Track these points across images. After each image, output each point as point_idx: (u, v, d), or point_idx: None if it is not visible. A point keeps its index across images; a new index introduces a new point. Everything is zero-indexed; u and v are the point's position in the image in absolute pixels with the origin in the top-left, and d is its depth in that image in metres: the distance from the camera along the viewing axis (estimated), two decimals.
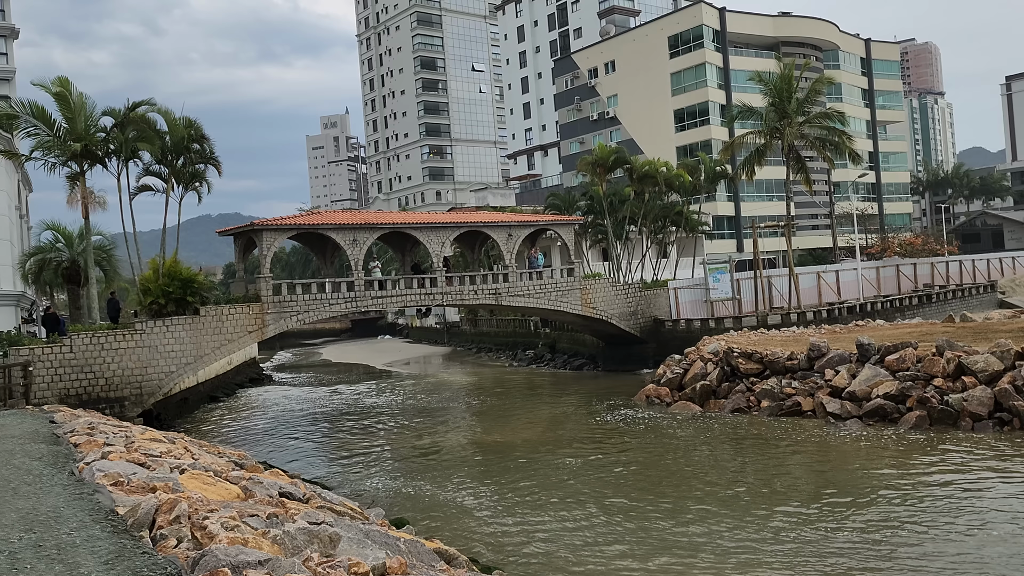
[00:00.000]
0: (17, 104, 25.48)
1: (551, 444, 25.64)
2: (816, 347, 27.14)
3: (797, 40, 72.96)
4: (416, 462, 24.33)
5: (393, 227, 33.21)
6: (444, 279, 34.12)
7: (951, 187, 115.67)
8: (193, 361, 28.02)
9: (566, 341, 49.90)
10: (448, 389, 43.77)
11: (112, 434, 14.92)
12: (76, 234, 32.78)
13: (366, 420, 33.41)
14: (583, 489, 19.03)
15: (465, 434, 28.53)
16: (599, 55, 77.12)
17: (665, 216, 46.02)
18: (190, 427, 33.56)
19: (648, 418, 28.15)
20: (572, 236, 39.20)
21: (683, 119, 68.87)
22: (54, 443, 14.31)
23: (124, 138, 26.65)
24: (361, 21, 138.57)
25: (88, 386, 25.87)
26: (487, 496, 18.86)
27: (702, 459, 21.51)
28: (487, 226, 36.24)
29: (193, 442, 17.23)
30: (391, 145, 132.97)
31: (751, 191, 69.78)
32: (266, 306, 29.57)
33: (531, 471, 21.74)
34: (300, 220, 31.82)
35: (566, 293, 37.87)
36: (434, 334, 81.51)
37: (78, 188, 27.06)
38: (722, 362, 29.79)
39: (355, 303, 31.73)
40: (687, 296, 42.52)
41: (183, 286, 27.38)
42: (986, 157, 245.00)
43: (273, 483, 11.90)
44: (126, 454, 11.73)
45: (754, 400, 27.40)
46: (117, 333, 26.45)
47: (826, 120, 45.51)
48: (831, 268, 47.71)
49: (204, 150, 28.66)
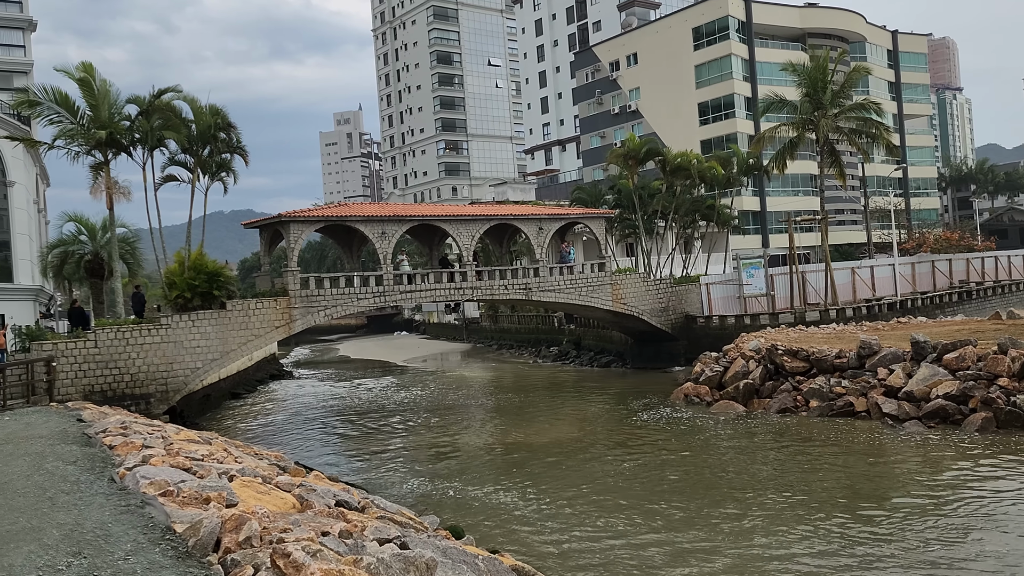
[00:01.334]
0: (39, 91, 24.64)
1: (590, 444, 24.66)
2: (867, 344, 25.99)
3: (823, 32, 71.47)
4: (450, 461, 23.39)
5: (423, 219, 32.23)
6: (474, 273, 33.12)
7: (975, 183, 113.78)
8: (219, 357, 27.15)
9: (592, 338, 48.84)
10: (472, 386, 42.84)
11: (147, 435, 14.01)
12: (99, 226, 31.97)
13: (392, 417, 32.51)
14: (635, 494, 18.02)
15: (496, 432, 27.54)
16: (621, 47, 75.86)
17: (695, 210, 44.82)
18: (214, 424, 32.74)
19: (689, 418, 27.09)
20: (603, 230, 38.15)
21: (707, 112, 67.56)
22: (86, 444, 13.41)
23: (149, 126, 25.76)
24: (376, 16, 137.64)
25: (113, 382, 25.04)
26: (534, 499, 17.88)
27: (757, 463, 20.41)
28: (518, 219, 35.22)
29: (230, 443, 16.31)
30: (407, 140, 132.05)
31: (776, 185, 68.43)
32: (293, 300, 28.66)
33: (574, 473, 20.74)
34: (328, 212, 30.87)
35: (597, 288, 36.81)
36: (452, 331, 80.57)
37: (102, 178, 26.20)
38: (765, 360, 28.70)
39: (384, 298, 30.79)
40: (719, 292, 41.37)
41: (209, 279, 26.51)
42: (1002, 154, 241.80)
43: (327, 490, 10.95)
44: (168, 458, 10.79)
45: (801, 400, 26.30)
46: (143, 328, 25.60)
47: (861, 111, 44.21)
48: (866, 264, 46.42)
49: (230, 139, 27.73)
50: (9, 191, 45.33)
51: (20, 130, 47.50)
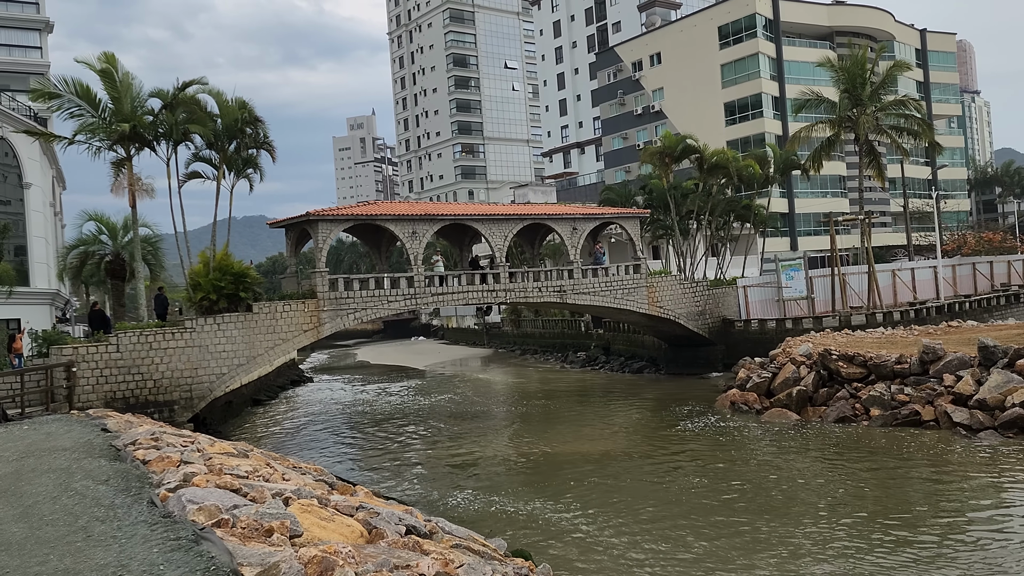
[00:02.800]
0: (59, 82, 23.53)
1: (639, 455, 23.23)
2: (931, 349, 24.46)
3: (851, 30, 69.89)
4: (491, 473, 22.04)
5: (455, 219, 30.94)
6: (507, 275, 31.80)
7: (1000, 185, 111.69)
8: (246, 362, 25.91)
9: (622, 342, 47.39)
10: (500, 392, 41.50)
11: (181, 447, 12.73)
12: (120, 226, 30.85)
13: (420, 425, 31.21)
14: (702, 511, 16.61)
15: (534, 441, 26.11)
16: (644, 47, 74.52)
17: (731, 210, 43.34)
18: (238, 432, 31.53)
19: (739, 427, 25.62)
20: (638, 230, 36.75)
21: (734, 112, 66.10)
22: (115, 459, 12.14)
23: (174, 119, 24.58)
24: (392, 19, 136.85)
25: (136, 389, 23.83)
26: (591, 517, 16.49)
27: (827, 477, 18.89)
28: (551, 218, 33.89)
29: (268, 455, 15.01)
30: (422, 144, 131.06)
31: (804, 187, 66.85)
32: (322, 303, 27.40)
33: (628, 487, 19.34)
34: (358, 210, 29.63)
35: (632, 291, 35.41)
36: (472, 336, 79.26)
37: (124, 174, 25.05)
38: (817, 365, 27.20)
39: (415, 300, 29.50)
40: (757, 295, 39.88)
41: (235, 281, 25.29)
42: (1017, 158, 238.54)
43: (391, 514, 9.61)
44: (212, 476, 9.48)
45: (860, 408, 24.79)
46: (166, 331, 24.39)
47: (903, 108, 42.71)
48: (907, 266, 44.83)
49: (257, 134, 26.53)
50: (26, 193, 44.40)
51: (37, 130, 46.69)
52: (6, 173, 44.03)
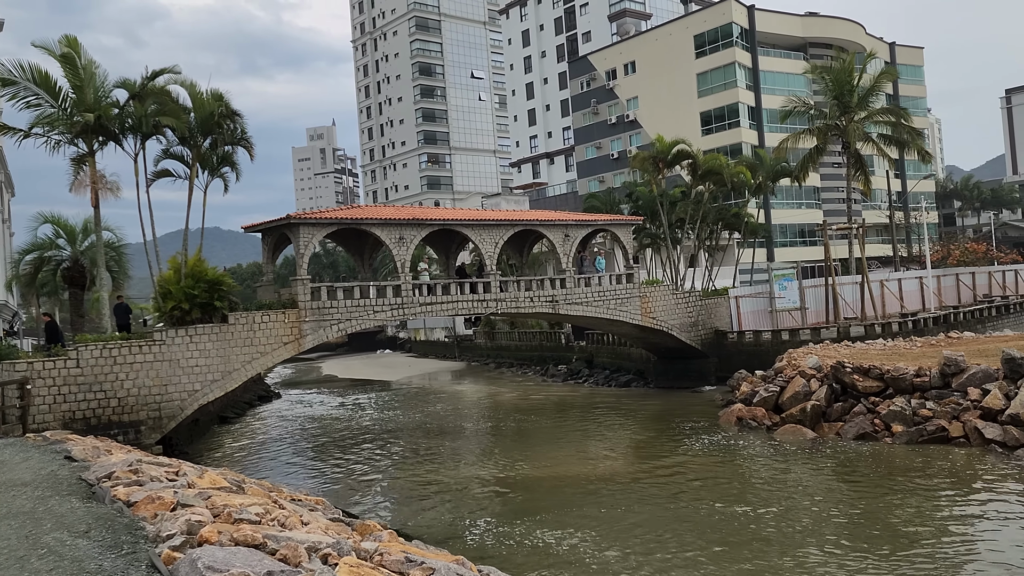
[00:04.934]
0: (15, 67, 21.17)
1: (645, 477, 21.54)
2: (952, 361, 23.32)
3: (824, 41, 69.92)
4: (494, 498, 20.19)
5: (444, 224, 29.09)
6: (499, 284, 30.03)
7: (960, 199, 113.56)
8: (221, 378, 23.69)
9: (606, 355, 45.85)
10: (482, 407, 39.59)
11: (168, 480, 10.68)
12: (80, 229, 28.30)
13: (405, 444, 29.18)
14: (731, 541, 15.00)
15: (530, 462, 24.24)
16: (618, 56, 73.66)
17: (720, 219, 42.21)
18: (208, 454, 29.16)
19: (751, 445, 24.15)
20: (631, 238, 35.30)
21: (710, 121, 65.42)
22: (89, 497, 10.06)
23: (143, 111, 22.34)
24: (356, 27, 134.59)
25: (98, 408, 21.45)
26: (612, 548, 14.78)
27: (862, 502, 17.35)
28: (543, 224, 32.25)
29: (262, 485, 12.99)
30: (387, 154, 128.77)
31: (779, 198, 66.41)
32: (303, 313, 25.30)
33: (641, 511, 17.64)
34: (343, 213, 27.58)
35: (625, 301, 33.91)
36: (441, 348, 77.10)
37: (85, 171, 22.71)
38: (829, 379, 25.92)
39: (402, 310, 27.54)
40: (748, 306, 38.72)
41: (210, 289, 23.09)
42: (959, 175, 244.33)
43: (447, 568, 7.77)
44: (224, 525, 7.54)
45: (880, 424, 23.48)
46: (132, 344, 22.07)
47: (890, 116, 42.09)
48: (894, 276, 44.17)
49: (234, 129, 24.38)
50: None
51: None
52: None
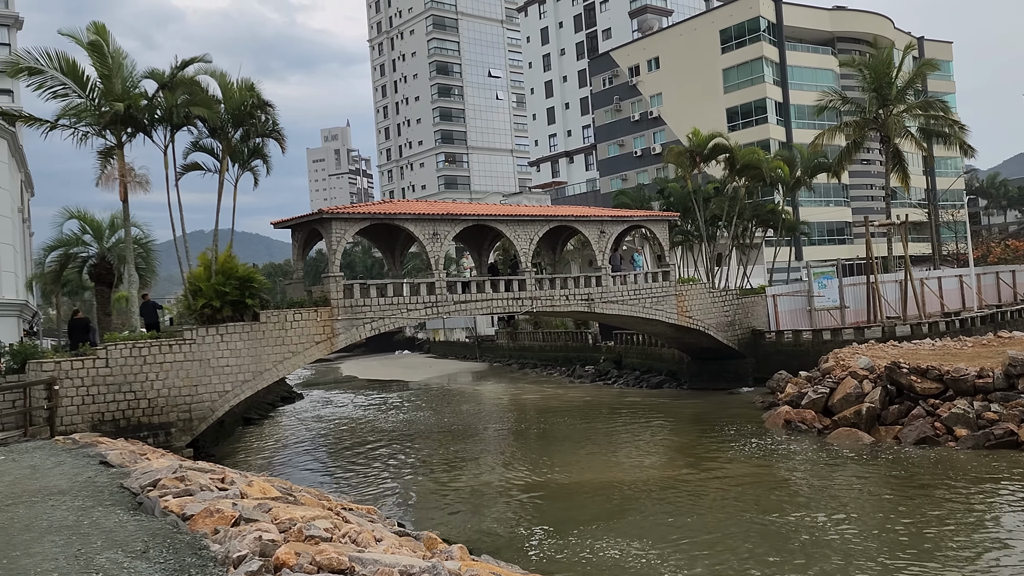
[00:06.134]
0: (42, 56, 20.37)
1: (696, 483, 20.47)
2: (1019, 362, 22.18)
3: (852, 36, 68.57)
4: (543, 504, 19.21)
5: (479, 219, 28.14)
6: (534, 281, 29.07)
7: (987, 197, 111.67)
8: (252, 378, 22.87)
9: (635, 355, 44.78)
10: (512, 408, 38.61)
11: (217, 489, 9.78)
12: (106, 225, 27.54)
13: (433, 446, 28.22)
14: (802, 551, 13.96)
15: (570, 466, 23.23)
16: (641, 52, 72.52)
17: (756, 215, 41.06)
18: (234, 456, 28.35)
19: (804, 450, 23.04)
20: (666, 234, 34.25)
21: (736, 118, 64.15)
22: (135, 508, 9.17)
23: (173, 101, 21.53)
24: (373, 26, 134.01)
25: (127, 409, 20.65)
26: (675, 560, 13.79)
27: (935, 513, 16.26)
28: (579, 220, 31.25)
29: (314, 494, 12.08)
30: (404, 153, 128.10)
31: (806, 196, 65.00)
32: (336, 311, 24.42)
33: (698, 520, 16.60)
34: (375, 208, 26.68)
35: (661, 300, 32.87)
36: (461, 349, 76.20)
37: (113, 165, 21.92)
38: (883, 380, 24.80)
39: (436, 308, 26.62)
40: (786, 304, 37.57)
41: (241, 286, 22.26)
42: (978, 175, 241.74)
43: None
44: (300, 545, 6.61)
45: (942, 428, 22.34)
46: (162, 343, 21.25)
47: (930, 109, 40.92)
48: (933, 274, 42.88)
49: (266, 120, 23.55)
50: None
51: (5, 131, 43.05)
52: None
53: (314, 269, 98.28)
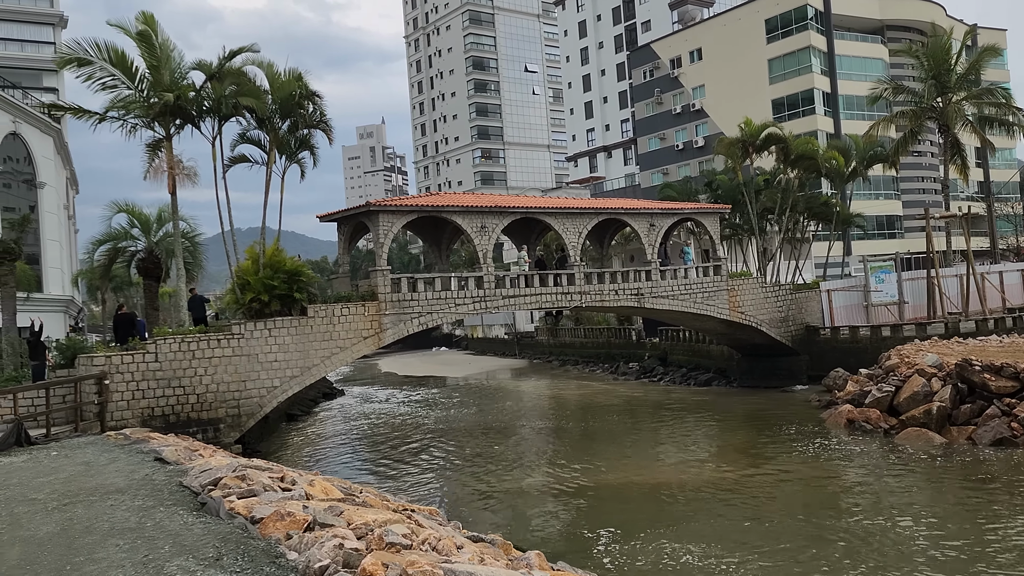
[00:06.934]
0: (91, 47, 20.17)
1: (759, 485, 19.63)
2: None
3: (902, 24, 66.63)
4: (589, 504, 18.60)
5: (528, 212, 27.51)
6: (583, 276, 28.34)
7: None
8: (300, 373, 22.48)
9: (681, 352, 43.81)
10: (557, 405, 37.91)
11: (282, 489, 9.25)
12: (154, 219, 27.42)
13: (478, 444, 27.58)
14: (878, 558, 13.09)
15: (624, 466, 22.45)
16: (683, 43, 71.22)
17: (809, 208, 39.84)
18: (279, 452, 28.05)
19: (872, 452, 22.03)
20: (718, 228, 33.28)
21: (783, 109, 62.56)
22: (198, 508, 8.67)
23: (222, 92, 21.21)
24: (409, 22, 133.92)
25: (176, 404, 20.38)
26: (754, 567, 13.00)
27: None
28: (629, 213, 30.45)
29: (375, 494, 11.52)
30: (440, 149, 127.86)
31: (856, 188, 63.23)
32: (383, 306, 23.95)
33: (765, 523, 15.78)
34: (423, 201, 26.21)
35: (712, 295, 31.92)
36: (500, 345, 75.64)
37: (161, 157, 21.69)
38: (953, 378, 23.66)
39: (485, 302, 26.03)
40: (841, 300, 36.35)
41: (289, 280, 21.88)
42: None
43: None
44: (386, 555, 6.00)
45: (1019, 428, 21.22)
46: (211, 338, 20.96)
47: (992, 97, 39.33)
48: (994, 269, 41.27)
49: (314, 111, 23.14)
50: (39, 193, 41.16)
51: (52, 128, 43.39)
52: (19, 171, 40.90)
53: (352, 266, 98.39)
